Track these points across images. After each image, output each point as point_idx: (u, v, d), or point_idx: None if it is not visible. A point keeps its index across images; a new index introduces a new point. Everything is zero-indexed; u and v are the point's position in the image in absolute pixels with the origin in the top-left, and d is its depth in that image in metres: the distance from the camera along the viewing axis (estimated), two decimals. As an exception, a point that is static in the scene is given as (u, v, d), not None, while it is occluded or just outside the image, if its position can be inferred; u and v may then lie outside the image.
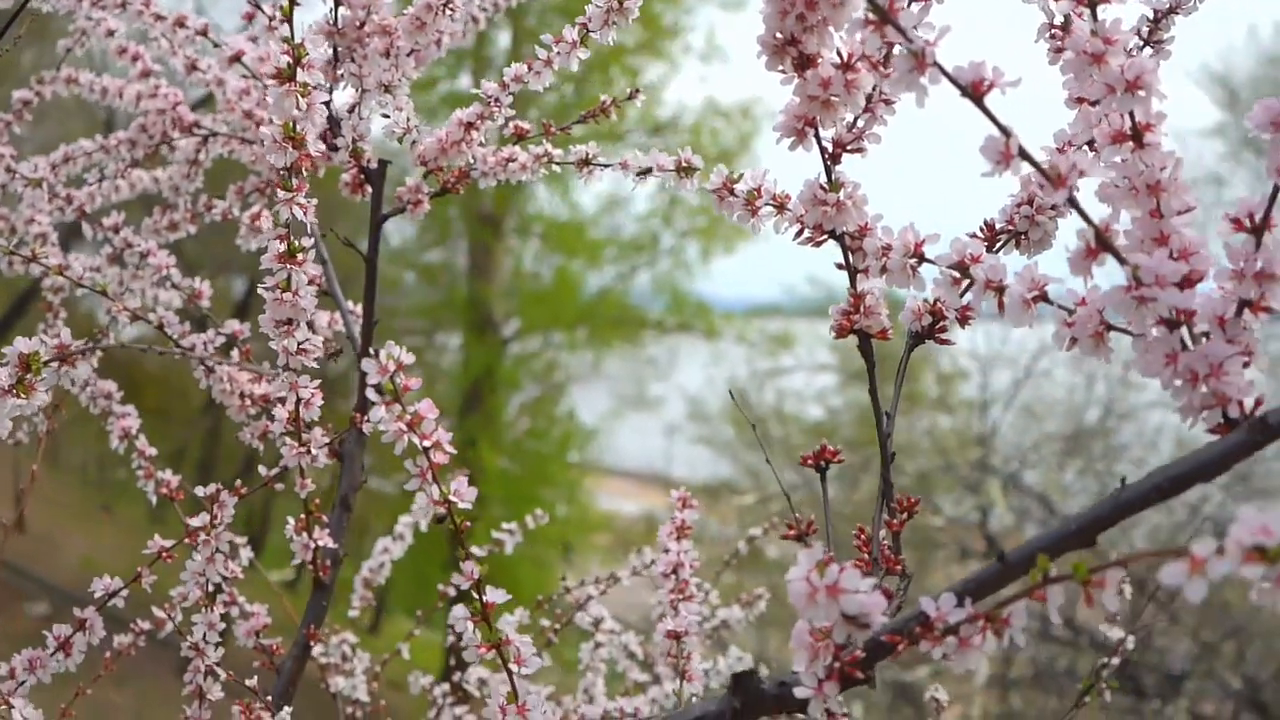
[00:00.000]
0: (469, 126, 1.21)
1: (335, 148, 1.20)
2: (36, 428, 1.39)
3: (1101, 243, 0.64)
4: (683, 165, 1.10)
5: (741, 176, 0.85)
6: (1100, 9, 0.68)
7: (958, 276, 0.73)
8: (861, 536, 0.81)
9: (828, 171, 0.78)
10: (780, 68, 0.73)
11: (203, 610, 1.06)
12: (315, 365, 1.04)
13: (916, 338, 0.83)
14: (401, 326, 9.62)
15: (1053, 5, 0.76)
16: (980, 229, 0.83)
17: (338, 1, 1.14)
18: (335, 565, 1.22)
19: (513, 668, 0.79)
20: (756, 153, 9.47)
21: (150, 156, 1.53)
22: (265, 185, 1.48)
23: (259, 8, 1.25)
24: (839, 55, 0.72)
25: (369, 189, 1.26)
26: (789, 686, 0.67)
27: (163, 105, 1.47)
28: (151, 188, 1.55)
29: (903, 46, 0.63)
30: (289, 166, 0.96)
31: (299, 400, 1.05)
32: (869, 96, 0.77)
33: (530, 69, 1.16)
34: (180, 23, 1.38)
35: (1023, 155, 0.63)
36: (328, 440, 1.09)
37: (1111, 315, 0.66)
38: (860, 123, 0.78)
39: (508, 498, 8.84)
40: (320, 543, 1.13)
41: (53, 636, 1.03)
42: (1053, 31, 0.77)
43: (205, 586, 1.05)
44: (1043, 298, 0.69)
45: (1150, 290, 0.61)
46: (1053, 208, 0.81)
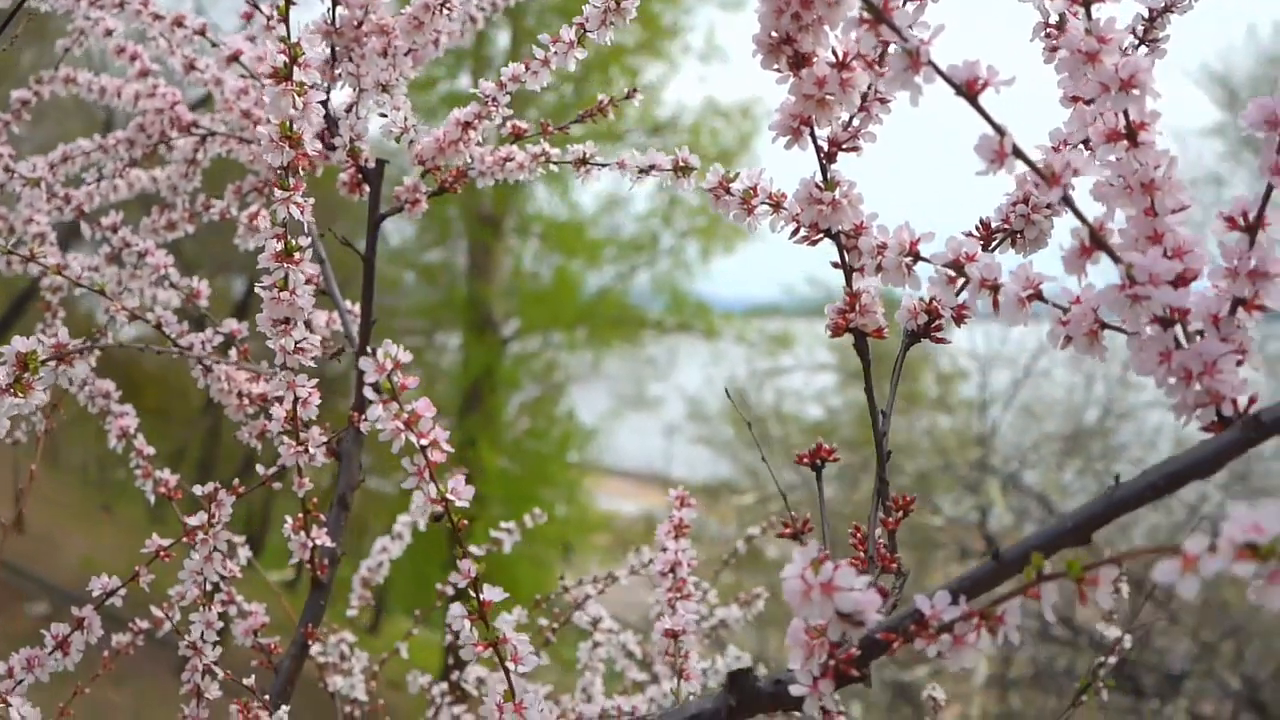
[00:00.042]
0: (466, 126, 1.21)
1: (333, 147, 1.20)
2: (35, 427, 1.39)
3: (1096, 241, 0.64)
4: (680, 165, 1.10)
5: (737, 175, 0.85)
6: (1095, 8, 0.69)
7: (953, 275, 0.74)
8: (858, 535, 0.81)
9: (823, 170, 0.78)
10: (775, 66, 0.73)
11: (200, 609, 1.06)
12: (313, 364, 1.04)
13: (912, 336, 0.83)
14: (401, 326, 9.62)
15: (1048, 4, 0.76)
16: (976, 228, 0.83)
17: (335, 1, 1.14)
18: (333, 564, 1.22)
19: (510, 666, 0.79)
20: (756, 152, 9.47)
21: (148, 156, 1.53)
22: (263, 185, 1.48)
23: (257, 7, 1.25)
24: (834, 54, 0.72)
25: (367, 188, 1.26)
26: (785, 684, 0.68)
27: (161, 105, 1.47)
28: (150, 187, 1.56)
29: (897, 45, 0.63)
30: (286, 166, 0.96)
31: (296, 399, 1.05)
32: (864, 95, 0.77)
33: (528, 69, 1.16)
34: (178, 22, 1.39)
35: (1017, 154, 0.63)
36: (325, 439, 1.09)
37: (1106, 314, 0.66)
38: (856, 121, 0.78)
39: (507, 497, 8.84)
40: (318, 542, 1.13)
41: (51, 635, 1.03)
42: (1048, 30, 0.77)
43: (203, 585, 1.05)
44: (1038, 296, 0.69)
45: (1144, 288, 0.62)
46: (1048, 206, 0.81)
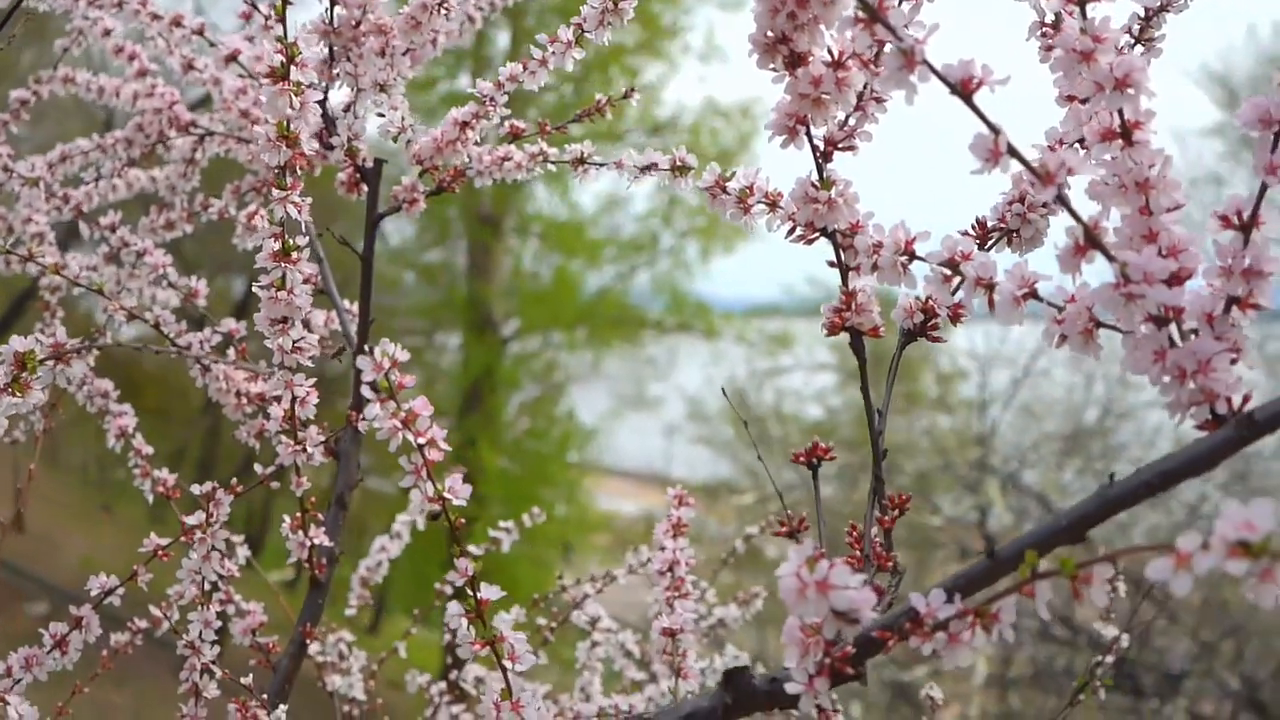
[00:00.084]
0: (464, 126, 1.21)
1: (330, 146, 1.20)
2: (33, 426, 1.39)
3: (1090, 240, 0.64)
4: (677, 164, 1.10)
5: (734, 175, 0.85)
6: (1090, 7, 0.69)
7: (948, 274, 0.74)
8: (854, 533, 0.81)
9: (819, 169, 0.78)
10: (771, 66, 0.73)
11: (198, 608, 1.06)
12: (310, 363, 1.04)
13: (909, 335, 0.83)
14: (401, 326, 9.62)
15: (1044, 3, 0.76)
16: (972, 227, 0.83)
17: (333, 1, 1.14)
18: (331, 563, 1.22)
19: (507, 664, 0.80)
20: (756, 152, 9.47)
21: (147, 156, 1.53)
22: (261, 184, 1.48)
23: (255, 7, 1.25)
24: (830, 53, 0.72)
25: (365, 188, 1.26)
26: (780, 682, 0.68)
27: (159, 104, 1.47)
28: (149, 187, 1.56)
29: (892, 44, 0.63)
30: (283, 165, 0.96)
31: (294, 398, 1.05)
32: (860, 95, 0.77)
33: (525, 69, 1.16)
34: (176, 22, 1.39)
35: (1011, 153, 0.63)
36: (323, 438, 1.09)
37: (1101, 312, 0.66)
38: (852, 121, 0.78)
39: (507, 497, 8.84)
40: (316, 541, 1.14)
41: (49, 634, 1.03)
42: (1044, 30, 0.77)
43: (201, 585, 1.05)
44: (1033, 295, 0.69)
45: (1138, 287, 0.62)
46: (1044, 205, 0.81)
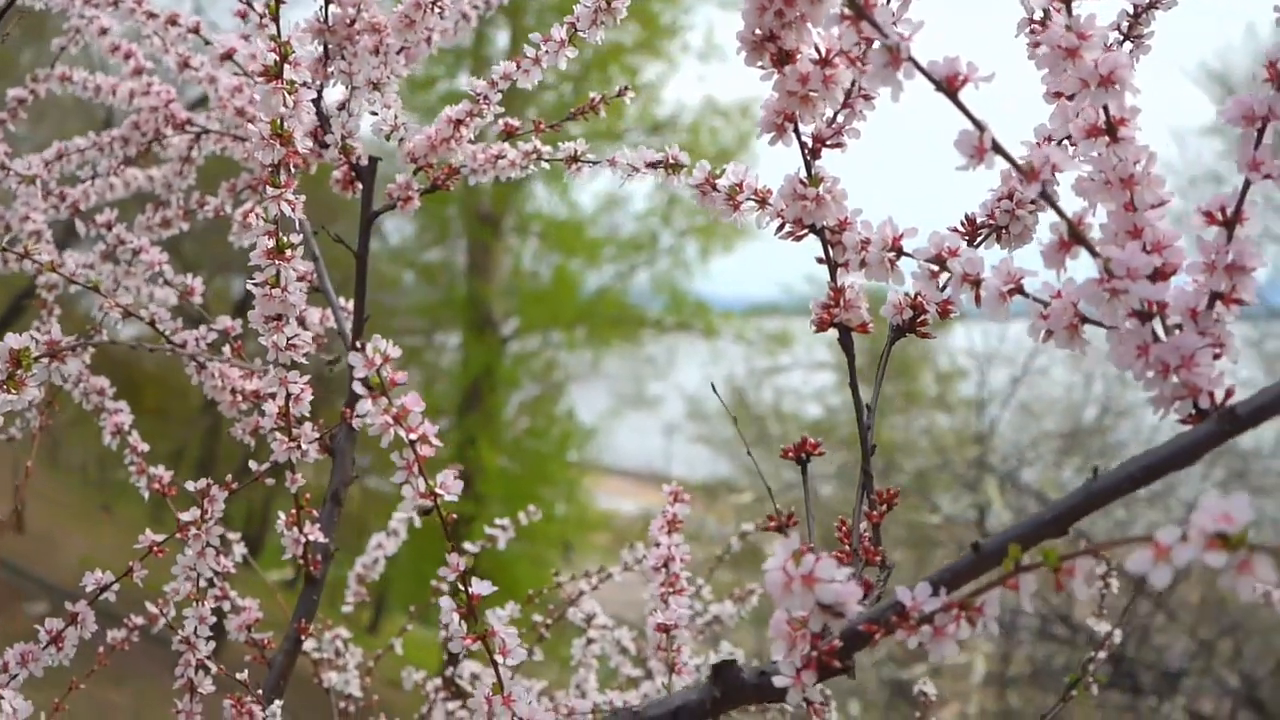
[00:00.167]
0: (458, 124, 1.21)
1: (325, 145, 1.20)
2: (30, 424, 1.40)
3: (1074, 236, 0.65)
4: (670, 162, 1.11)
5: (723, 172, 0.86)
6: (1075, 4, 0.69)
7: (935, 270, 0.74)
8: (843, 529, 0.82)
9: (808, 166, 0.78)
10: (760, 64, 0.73)
11: (194, 605, 1.06)
12: (305, 360, 1.05)
13: (898, 331, 0.83)
14: (401, 325, 9.63)
15: (1032, 0, 0.77)
16: (961, 223, 0.84)
17: (327, -1, 1.15)
18: (326, 560, 1.22)
19: (498, 659, 0.80)
20: (755, 151, 9.47)
21: (144, 154, 1.54)
22: (257, 182, 1.49)
23: (250, 5, 1.25)
24: (817, 51, 0.73)
25: (360, 186, 1.26)
26: (768, 676, 0.68)
27: (155, 103, 1.48)
28: (146, 186, 1.56)
29: (879, 41, 0.64)
30: (277, 163, 0.97)
31: (289, 395, 1.06)
32: (848, 92, 0.78)
33: (519, 67, 1.17)
34: (172, 20, 1.39)
35: (996, 149, 0.63)
36: (318, 435, 1.10)
37: (1086, 308, 0.67)
38: (840, 118, 0.79)
39: (507, 496, 8.84)
40: (311, 537, 1.14)
41: (45, 630, 1.03)
42: (1032, 26, 0.78)
43: (196, 581, 1.06)
44: (1019, 291, 0.69)
45: (1122, 282, 0.62)
46: (1032, 202, 0.81)
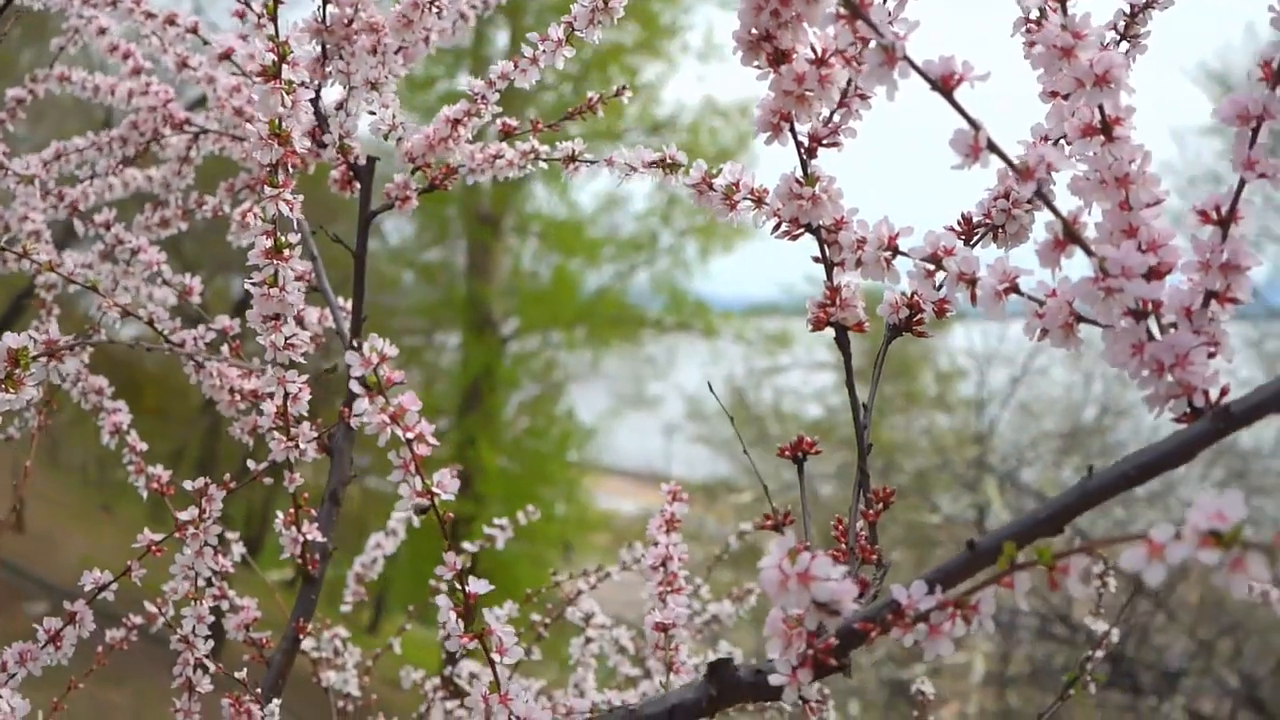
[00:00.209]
0: (455, 123, 1.22)
1: (323, 144, 1.21)
2: (28, 424, 1.40)
3: (1069, 235, 0.65)
4: (667, 161, 1.11)
5: (720, 171, 0.86)
6: (1071, 3, 0.69)
7: (931, 269, 0.74)
8: (839, 527, 0.82)
9: (804, 165, 0.78)
10: (756, 63, 0.73)
11: (192, 604, 1.06)
12: (303, 360, 1.05)
13: (894, 330, 0.83)
14: (400, 325, 9.63)
15: (1027, 0, 0.77)
16: (958, 222, 0.84)
17: (325, -1, 1.15)
18: (324, 559, 1.22)
19: (495, 657, 0.80)
20: (755, 151, 9.47)
21: (143, 154, 1.54)
22: (256, 182, 1.49)
23: (248, 6, 1.25)
24: (813, 50, 0.73)
25: (358, 185, 1.26)
26: (764, 674, 0.68)
27: (154, 102, 1.48)
28: (145, 186, 1.56)
29: (874, 41, 0.64)
30: (275, 163, 0.97)
31: (287, 395, 1.06)
32: (844, 91, 0.78)
33: (516, 67, 1.17)
34: (170, 20, 1.39)
35: (991, 148, 0.63)
36: (316, 435, 1.10)
37: (1082, 307, 0.67)
38: (836, 117, 0.79)
39: (507, 496, 8.84)
40: (309, 537, 1.14)
41: (43, 630, 1.03)
42: (1027, 26, 0.78)
43: (194, 580, 1.06)
44: (1014, 290, 0.69)
45: (1116, 281, 0.62)
46: (1029, 201, 0.81)
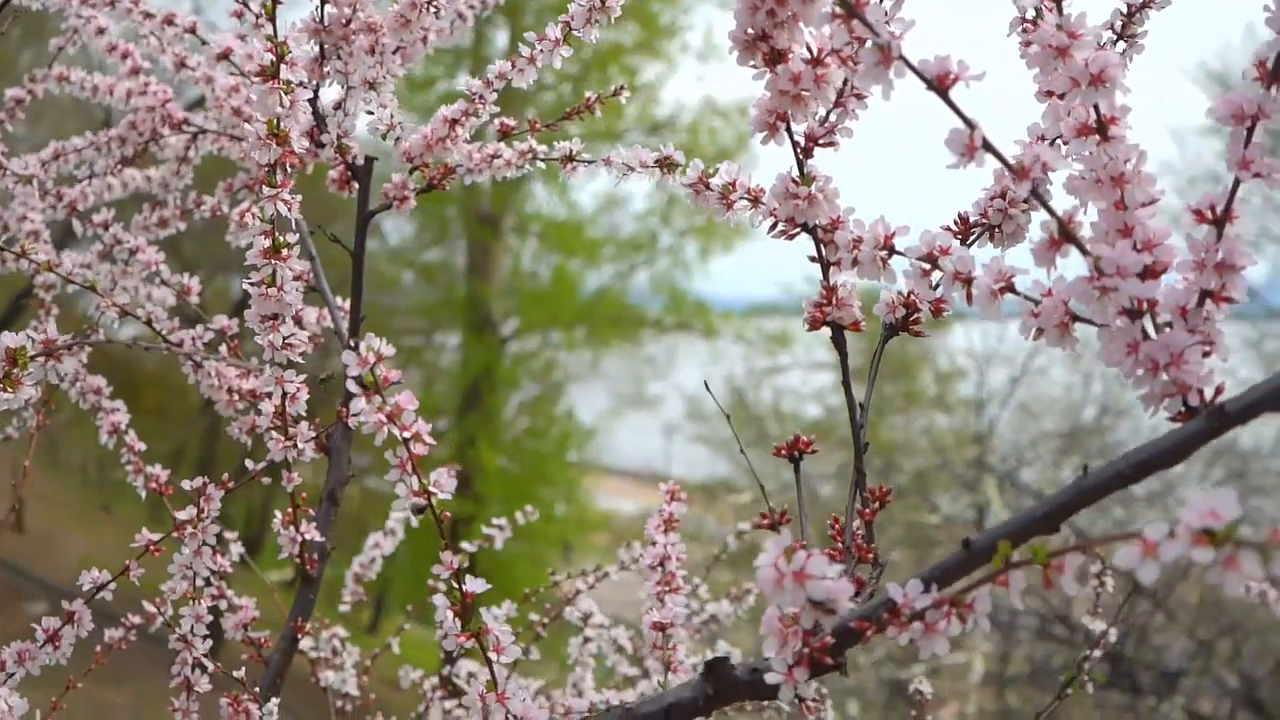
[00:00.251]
0: (453, 123, 1.22)
1: (321, 144, 1.21)
2: (27, 423, 1.40)
3: (1065, 234, 0.65)
4: (664, 161, 1.11)
5: (716, 171, 0.86)
6: (1066, 3, 0.69)
7: (927, 269, 0.74)
8: (835, 526, 0.82)
9: (800, 165, 0.79)
10: (752, 63, 0.74)
11: (190, 603, 1.07)
12: (301, 360, 1.05)
13: (891, 329, 0.83)
14: (400, 325, 9.63)
15: None
16: (954, 222, 0.84)
17: (323, -1, 1.15)
18: (323, 559, 1.22)
19: (492, 656, 0.80)
20: (754, 151, 9.48)
21: (142, 154, 1.54)
22: (254, 182, 1.49)
23: (247, 6, 1.25)
24: (809, 50, 0.73)
25: (356, 185, 1.26)
26: (760, 673, 0.68)
27: (152, 102, 1.48)
28: (144, 186, 1.56)
29: (870, 40, 0.64)
30: (273, 163, 0.97)
31: (285, 395, 1.06)
32: (840, 91, 0.78)
33: (514, 66, 1.17)
34: (169, 20, 1.39)
35: (987, 148, 0.63)
36: (314, 435, 1.10)
37: (1077, 306, 0.67)
38: (832, 117, 0.79)
39: (506, 496, 8.85)
40: (307, 536, 1.14)
41: (42, 629, 1.03)
42: (1024, 25, 0.78)
43: (193, 580, 1.06)
44: (1010, 289, 0.69)
45: (1112, 280, 0.62)
46: (1025, 201, 0.81)
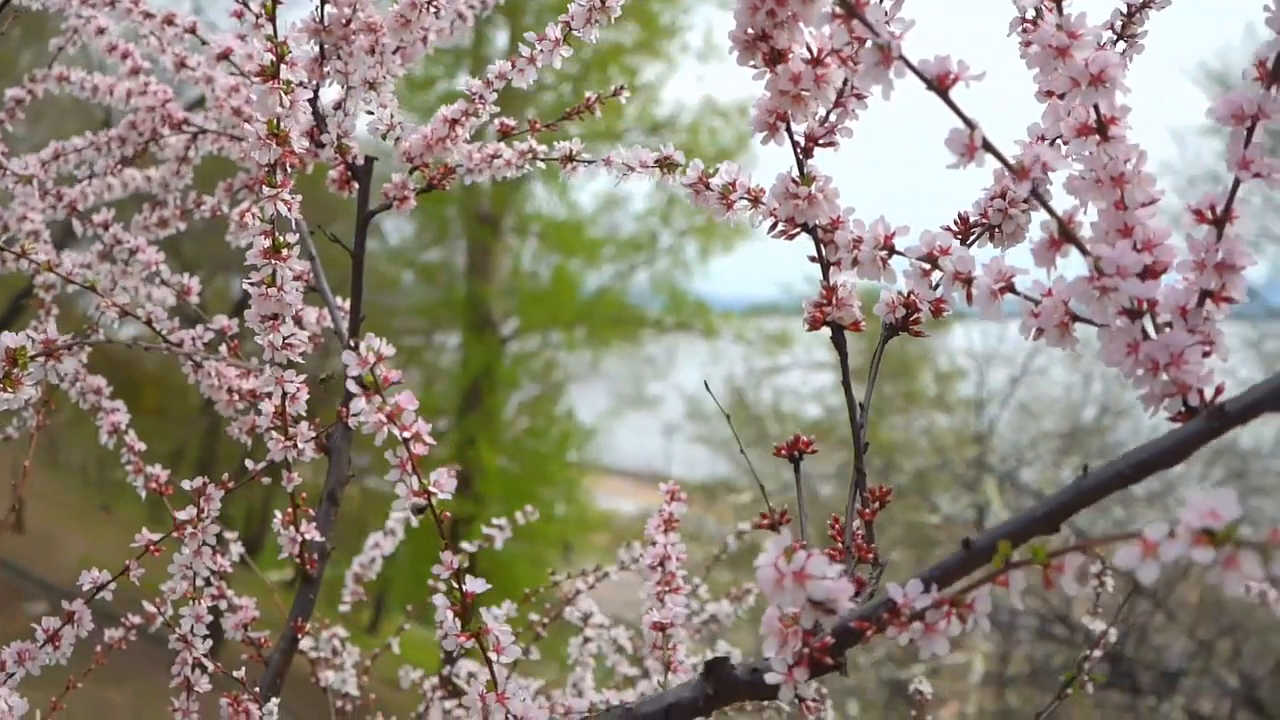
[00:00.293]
0: (453, 123, 1.22)
1: (321, 144, 1.21)
2: (26, 423, 1.40)
3: (1065, 234, 0.65)
4: (664, 161, 1.11)
5: (716, 171, 0.86)
6: (1066, 3, 0.69)
7: (927, 269, 0.74)
8: (835, 526, 0.82)
9: (800, 165, 0.79)
10: (752, 63, 0.74)
11: (190, 603, 1.07)
12: (301, 360, 1.05)
13: (891, 329, 0.83)
14: (400, 325, 9.63)
15: None
16: (955, 222, 0.84)
17: (323, -1, 1.15)
18: (323, 559, 1.22)
19: (492, 656, 0.80)
20: (754, 152, 9.48)
21: (142, 154, 1.54)
22: (254, 182, 1.49)
23: (247, 6, 1.25)
24: (809, 50, 0.73)
25: (356, 185, 1.26)
26: (760, 673, 0.68)
27: (152, 102, 1.48)
28: (144, 186, 1.56)
29: (870, 40, 0.64)
30: (273, 163, 0.97)
31: (285, 395, 1.06)
32: (840, 91, 0.78)
33: (514, 66, 1.17)
34: (169, 20, 1.39)
35: (987, 148, 0.63)
36: (314, 435, 1.10)
37: (1077, 306, 0.67)
38: (832, 117, 0.79)
39: (506, 497, 8.85)
40: (307, 536, 1.14)
41: (42, 629, 1.03)
42: (1024, 25, 0.78)
43: (193, 580, 1.06)
44: (1010, 289, 0.69)
45: (1112, 280, 0.62)
46: (1025, 201, 0.81)
